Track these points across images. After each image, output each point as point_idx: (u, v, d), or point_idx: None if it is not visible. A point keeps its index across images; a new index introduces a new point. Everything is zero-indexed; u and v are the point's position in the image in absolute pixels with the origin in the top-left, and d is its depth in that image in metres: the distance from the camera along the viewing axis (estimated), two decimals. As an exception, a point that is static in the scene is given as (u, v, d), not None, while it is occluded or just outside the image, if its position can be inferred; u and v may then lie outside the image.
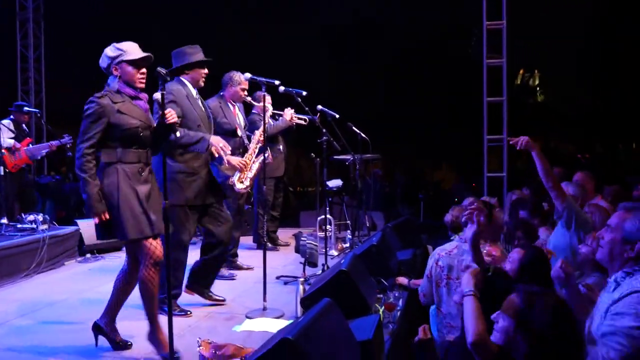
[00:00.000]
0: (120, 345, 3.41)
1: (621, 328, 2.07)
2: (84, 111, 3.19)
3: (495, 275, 2.80)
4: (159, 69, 2.98)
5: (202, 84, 4.23)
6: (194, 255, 4.36)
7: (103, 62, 3.30)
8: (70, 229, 6.24)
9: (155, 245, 3.25)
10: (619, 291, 2.19)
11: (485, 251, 3.51)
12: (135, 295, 3.42)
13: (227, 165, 4.75)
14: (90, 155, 3.16)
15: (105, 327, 3.42)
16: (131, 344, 3.44)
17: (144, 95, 3.37)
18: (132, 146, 3.24)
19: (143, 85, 3.34)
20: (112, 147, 3.22)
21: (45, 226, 5.87)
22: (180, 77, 4.19)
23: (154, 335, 3.32)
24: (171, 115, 3.27)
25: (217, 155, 4.04)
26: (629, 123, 18.11)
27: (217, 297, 4.34)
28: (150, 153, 3.35)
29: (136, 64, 3.27)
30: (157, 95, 3.25)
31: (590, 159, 18.80)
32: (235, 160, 4.88)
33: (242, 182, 4.92)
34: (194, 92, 4.20)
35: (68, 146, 6.64)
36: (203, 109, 4.24)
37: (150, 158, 3.35)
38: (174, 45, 4.16)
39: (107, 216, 3.17)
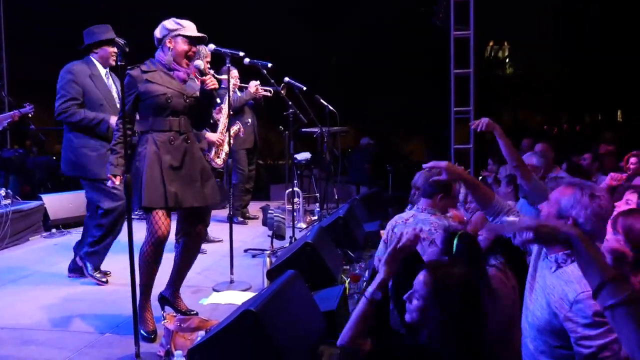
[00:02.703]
0: (185, 313, 3.40)
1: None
2: None
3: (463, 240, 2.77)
4: (117, 39, 2.94)
5: (113, 63, 4.28)
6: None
7: (159, 33, 3.32)
8: (34, 203, 6.13)
9: (162, 222, 3.15)
10: (563, 279, 2.16)
11: (450, 215, 3.59)
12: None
13: (204, 140, 4.79)
14: (121, 126, 3.14)
15: (170, 297, 3.48)
16: (197, 313, 3.44)
17: (186, 70, 3.35)
18: (162, 114, 3.23)
19: (189, 64, 3.35)
20: (145, 117, 3.26)
21: (8, 201, 5.76)
22: (90, 56, 4.28)
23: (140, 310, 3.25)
24: (212, 81, 3.29)
25: None
26: (595, 95, 18.47)
27: None
28: (185, 120, 3.30)
29: (191, 40, 3.31)
30: (198, 63, 3.31)
31: (557, 131, 19.16)
32: (214, 136, 4.93)
33: (218, 157, 4.97)
34: (103, 71, 4.28)
35: (30, 115, 6.47)
36: (112, 87, 4.31)
37: (186, 126, 3.31)
38: (131, 16, 4.09)
39: (117, 182, 3.22)
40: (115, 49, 4.19)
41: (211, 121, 5.20)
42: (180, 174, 3.24)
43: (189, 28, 3.31)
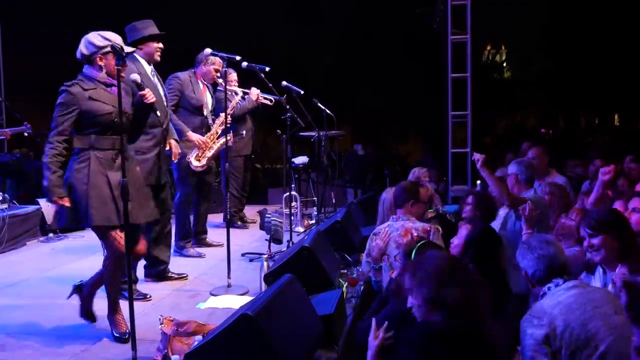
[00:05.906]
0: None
1: None
2: (56, 100, 3.17)
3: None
4: (113, 44, 2.92)
5: (158, 59, 4.11)
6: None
7: (86, 50, 3.23)
8: (31, 208, 6.12)
9: (119, 240, 3.16)
10: None
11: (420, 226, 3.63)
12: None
13: (186, 140, 4.76)
14: (58, 143, 3.14)
15: (87, 297, 3.42)
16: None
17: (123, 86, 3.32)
18: (106, 133, 3.21)
19: (123, 77, 3.26)
20: (86, 134, 3.20)
21: (5, 205, 5.76)
22: (134, 54, 4.02)
23: (111, 314, 3.34)
24: (150, 95, 3.30)
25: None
26: (591, 96, 18.49)
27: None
28: (126, 139, 3.29)
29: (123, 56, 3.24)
30: (135, 76, 3.26)
31: (554, 133, 19.19)
32: (195, 137, 4.89)
33: (198, 160, 4.93)
34: (148, 68, 4.08)
35: (25, 134, 6.48)
36: (158, 86, 4.11)
37: (126, 145, 3.28)
38: (127, 17, 4.07)
39: (67, 203, 3.13)
40: (160, 45, 4.07)
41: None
42: (126, 192, 3.19)
43: (117, 42, 3.23)
